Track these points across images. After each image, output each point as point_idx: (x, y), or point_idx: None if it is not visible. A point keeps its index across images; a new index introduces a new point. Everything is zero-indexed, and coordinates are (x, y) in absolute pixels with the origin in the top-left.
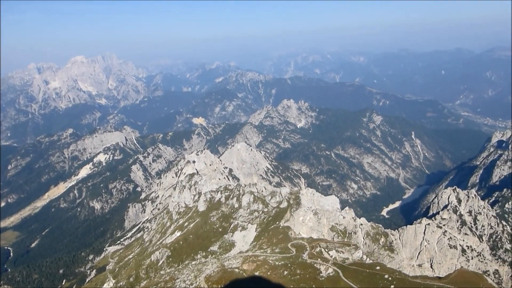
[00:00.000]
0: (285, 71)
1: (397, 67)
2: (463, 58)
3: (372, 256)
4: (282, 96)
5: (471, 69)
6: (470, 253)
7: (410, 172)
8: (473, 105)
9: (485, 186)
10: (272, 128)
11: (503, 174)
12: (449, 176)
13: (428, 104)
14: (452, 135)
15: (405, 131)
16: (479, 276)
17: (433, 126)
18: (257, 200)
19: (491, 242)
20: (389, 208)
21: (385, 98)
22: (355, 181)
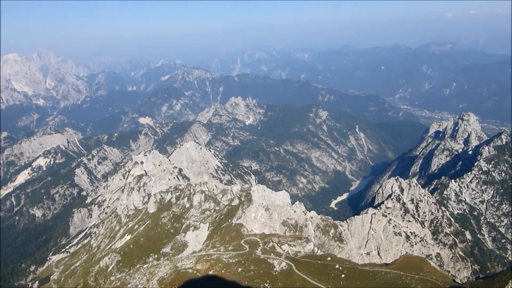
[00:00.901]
0: (232, 68)
1: (340, 63)
2: (400, 53)
3: (323, 248)
4: (229, 94)
5: (409, 64)
6: (413, 239)
7: (356, 165)
8: (411, 98)
9: (425, 174)
10: (220, 126)
11: (440, 162)
12: (392, 167)
13: (370, 98)
14: (393, 127)
15: (349, 125)
16: (423, 260)
17: (375, 119)
18: (209, 199)
19: (432, 227)
20: (337, 200)
21: (330, 94)
22: (304, 175)
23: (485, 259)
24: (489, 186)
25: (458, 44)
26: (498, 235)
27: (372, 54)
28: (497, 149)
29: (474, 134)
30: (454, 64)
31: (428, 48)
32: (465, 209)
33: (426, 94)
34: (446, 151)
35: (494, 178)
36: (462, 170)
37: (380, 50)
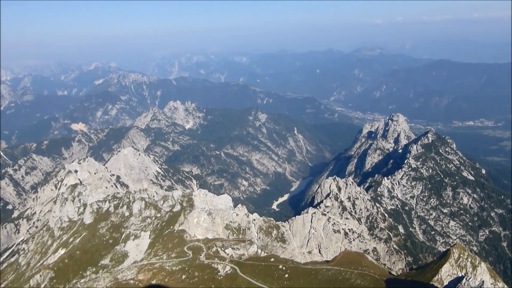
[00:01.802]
0: (169, 72)
1: (277, 67)
2: (334, 58)
3: (266, 249)
4: (168, 98)
5: (342, 68)
6: (351, 235)
7: (295, 166)
8: (345, 100)
9: (360, 173)
10: (159, 130)
11: (374, 161)
12: (329, 167)
13: (307, 101)
14: (329, 128)
15: (288, 127)
16: (361, 255)
17: (312, 121)
18: (149, 206)
19: (368, 223)
20: (278, 201)
21: (268, 97)
22: (246, 178)
23: (417, 251)
24: (418, 182)
25: (386, 49)
26: (428, 227)
27: (307, 58)
28: (424, 147)
29: (403, 134)
30: (383, 68)
31: (359, 52)
32: (397, 204)
33: (358, 96)
34: (379, 150)
35: (423, 174)
36: (393, 168)
37: (315, 54)
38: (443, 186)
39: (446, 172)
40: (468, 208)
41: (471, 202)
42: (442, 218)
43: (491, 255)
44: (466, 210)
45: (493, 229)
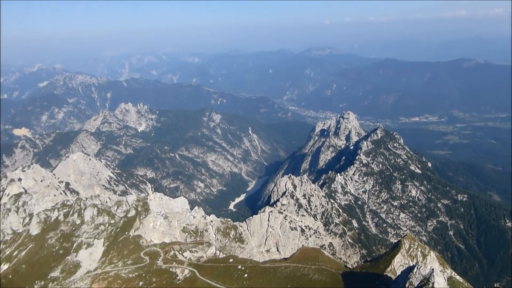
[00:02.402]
0: (119, 73)
1: (230, 67)
2: (285, 58)
3: (225, 250)
4: (119, 100)
5: (294, 67)
6: (308, 232)
7: (251, 165)
8: (298, 99)
9: (314, 170)
10: (111, 134)
11: (327, 158)
12: (284, 165)
13: (260, 100)
14: (283, 127)
15: (242, 127)
16: (318, 251)
17: (266, 120)
18: (102, 213)
19: (323, 219)
20: (235, 201)
21: (222, 97)
22: (202, 180)
23: (371, 243)
24: (369, 177)
25: (336, 49)
26: (380, 220)
27: (259, 58)
28: (374, 143)
29: (354, 131)
30: (333, 67)
31: (310, 52)
32: (350, 199)
33: (310, 95)
34: (331, 147)
35: (373, 170)
36: (345, 164)
37: (266, 54)
38: (393, 180)
39: (395, 166)
40: (417, 200)
41: (419, 194)
42: (392, 210)
43: (439, 244)
44: (415, 202)
45: (440, 219)
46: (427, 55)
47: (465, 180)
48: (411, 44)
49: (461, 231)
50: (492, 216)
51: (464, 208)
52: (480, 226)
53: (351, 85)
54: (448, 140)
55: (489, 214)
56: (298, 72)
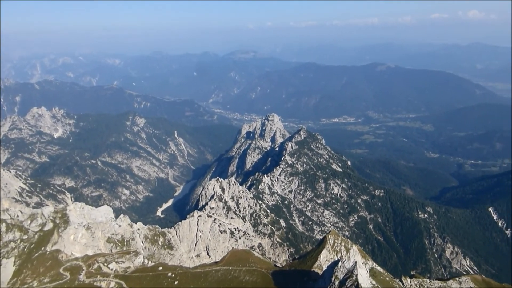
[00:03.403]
0: (30, 75)
1: (153, 70)
2: (210, 60)
3: (154, 258)
4: (30, 104)
5: (218, 70)
6: (237, 234)
7: (178, 170)
8: (224, 102)
9: (242, 172)
10: (22, 141)
11: (254, 160)
12: (212, 168)
13: (185, 104)
14: (209, 130)
15: (168, 131)
16: (247, 252)
17: (192, 124)
18: (12, 228)
19: (252, 220)
20: (163, 207)
21: (146, 100)
22: (127, 186)
23: (298, 241)
24: (294, 177)
25: (259, 52)
26: (306, 218)
27: (184, 60)
28: (298, 144)
29: (278, 132)
30: (257, 70)
31: (234, 55)
32: (277, 200)
33: (236, 98)
34: (257, 149)
35: (298, 170)
36: (272, 165)
37: (191, 56)
38: (316, 179)
39: (318, 166)
40: (339, 197)
41: (341, 192)
42: (317, 208)
43: (361, 238)
44: (337, 199)
45: (361, 214)
46: (344, 60)
47: (381, 176)
48: (328, 48)
49: (380, 224)
50: (406, 209)
51: (381, 203)
52: (396, 219)
53: (275, 87)
54: (365, 139)
55: (404, 207)
56: (223, 75)
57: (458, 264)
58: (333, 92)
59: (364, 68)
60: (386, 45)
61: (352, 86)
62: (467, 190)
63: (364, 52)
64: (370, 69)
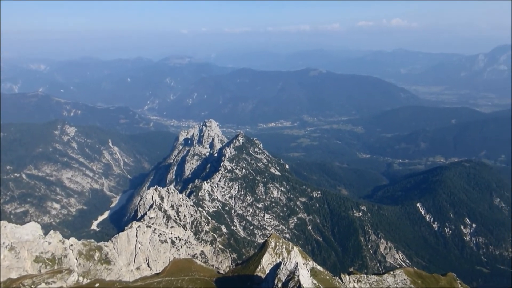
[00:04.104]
0: None
1: (83, 75)
2: (144, 66)
3: (90, 275)
4: None
5: (153, 76)
6: (179, 243)
7: (114, 180)
8: (160, 109)
9: (181, 180)
10: None
11: (193, 167)
12: (150, 177)
13: (119, 111)
14: (145, 138)
15: (102, 139)
16: (189, 261)
17: (127, 132)
18: None
19: (193, 228)
20: (98, 220)
21: (76, 108)
22: (57, 200)
23: (240, 247)
24: (234, 182)
25: (194, 58)
26: (247, 223)
27: (116, 66)
28: (236, 149)
29: (217, 138)
30: (193, 76)
31: (169, 61)
32: (218, 206)
33: (172, 104)
34: (196, 156)
35: (237, 175)
36: (211, 172)
37: (123, 62)
38: (256, 184)
39: (257, 170)
40: (278, 200)
41: (280, 195)
42: (258, 212)
43: (301, 239)
44: (277, 202)
45: (300, 216)
46: (278, 65)
47: (318, 178)
48: (263, 54)
49: (318, 225)
50: (342, 208)
51: (319, 204)
52: (333, 218)
53: (211, 93)
54: (301, 142)
55: (340, 207)
56: (158, 81)
57: (391, 258)
58: (269, 97)
59: (298, 74)
60: (317, 51)
61: (287, 91)
62: (397, 188)
63: (297, 58)
64: (304, 74)
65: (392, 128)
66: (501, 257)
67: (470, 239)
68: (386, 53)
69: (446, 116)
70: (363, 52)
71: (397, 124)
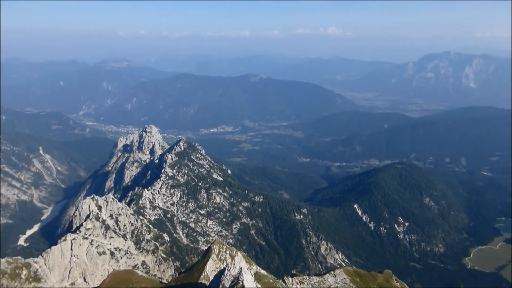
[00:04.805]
0: None
1: (9, 78)
2: (79, 69)
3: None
4: None
5: (89, 80)
6: (118, 254)
7: (45, 190)
8: (96, 114)
9: (120, 188)
10: None
11: (132, 174)
12: (86, 186)
13: (52, 116)
14: (81, 145)
15: (31, 147)
16: (130, 272)
17: (60, 138)
18: None
19: (134, 238)
20: (27, 235)
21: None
22: None
23: (184, 254)
24: (176, 189)
25: (133, 61)
26: (190, 230)
27: (47, 68)
28: (178, 155)
29: (157, 144)
30: (132, 80)
31: (106, 64)
32: (160, 213)
33: (110, 109)
34: (136, 162)
35: (179, 181)
36: (152, 179)
37: (56, 64)
38: (198, 190)
39: (199, 176)
40: (221, 206)
41: (223, 200)
42: (201, 219)
43: (244, 244)
44: (220, 208)
45: (243, 221)
46: (219, 71)
47: (260, 182)
48: (204, 59)
49: (261, 229)
50: (284, 212)
51: (261, 208)
52: (276, 222)
53: (151, 98)
54: (243, 147)
55: (282, 211)
56: (94, 85)
57: (332, 259)
58: (211, 102)
59: (239, 79)
60: (258, 57)
61: (228, 96)
62: (335, 190)
63: (238, 64)
64: (245, 80)
65: (330, 133)
66: (432, 253)
67: (403, 237)
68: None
69: (379, 121)
70: (302, 59)
71: (334, 128)
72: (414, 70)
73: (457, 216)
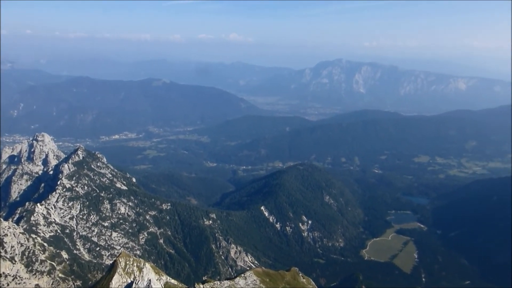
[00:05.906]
0: None
1: None
2: None
3: None
4: None
5: None
6: (5, 280)
7: None
8: None
9: (7, 204)
10: None
11: (22, 188)
12: None
13: None
14: None
15: None
16: None
17: None
18: None
19: (25, 260)
20: None
21: None
22: None
23: (86, 272)
24: (75, 201)
25: (18, 63)
26: (93, 245)
27: None
28: (76, 165)
29: (51, 154)
30: (18, 84)
31: None
32: (56, 229)
33: None
34: (26, 175)
35: (79, 193)
36: (46, 192)
37: None
38: (100, 201)
39: (101, 186)
40: (126, 216)
41: (128, 210)
42: (104, 232)
43: (153, 254)
44: (125, 218)
45: (150, 230)
46: (119, 75)
47: (167, 189)
48: (102, 62)
49: (170, 237)
50: (192, 218)
51: (169, 216)
52: (185, 229)
53: (43, 104)
54: (148, 154)
55: (190, 217)
56: None
57: (242, 262)
58: (111, 108)
59: (141, 83)
60: (160, 61)
61: (130, 101)
62: (243, 193)
63: (139, 67)
64: (147, 84)
65: (235, 137)
66: (333, 248)
67: (307, 234)
68: (226, 65)
69: (281, 124)
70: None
71: (239, 132)
72: (311, 76)
73: (354, 212)
